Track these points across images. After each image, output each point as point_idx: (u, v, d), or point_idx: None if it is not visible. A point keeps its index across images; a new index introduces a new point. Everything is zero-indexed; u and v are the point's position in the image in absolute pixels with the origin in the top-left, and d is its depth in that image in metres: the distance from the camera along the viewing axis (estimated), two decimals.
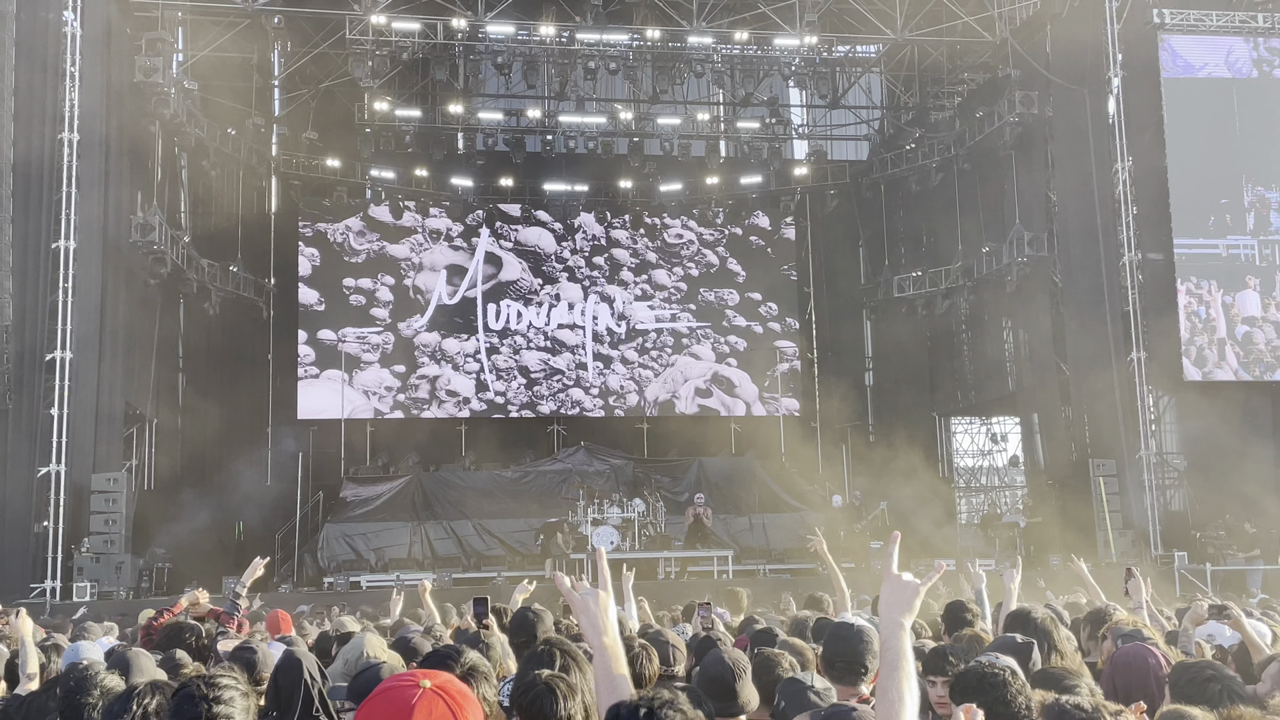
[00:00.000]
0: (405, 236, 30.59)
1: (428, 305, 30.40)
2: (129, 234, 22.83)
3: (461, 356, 30.40)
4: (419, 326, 30.26)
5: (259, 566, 6.91)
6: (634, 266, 31.62)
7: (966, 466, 32.46)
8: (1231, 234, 23.70)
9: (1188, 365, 23.46)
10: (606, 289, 31.33)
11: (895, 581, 2.95)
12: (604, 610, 3.03)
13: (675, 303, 31.57)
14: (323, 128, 29.14)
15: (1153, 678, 4.38)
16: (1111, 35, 23.72)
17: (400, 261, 30.45)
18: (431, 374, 30.14)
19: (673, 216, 31.93)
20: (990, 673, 3.69)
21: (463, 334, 30.47)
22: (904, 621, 2.90)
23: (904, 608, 2.92)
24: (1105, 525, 22.38)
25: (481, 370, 30.40)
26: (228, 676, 3.32)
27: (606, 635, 3.01)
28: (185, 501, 23.78)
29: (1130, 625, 5.18)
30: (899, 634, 2.88)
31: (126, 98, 22.91)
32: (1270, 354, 23.43)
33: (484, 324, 30.58)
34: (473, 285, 30.76)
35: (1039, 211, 26.53)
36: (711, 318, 31.59)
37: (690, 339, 31.47)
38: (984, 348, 30.19)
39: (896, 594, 2.94)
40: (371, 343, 29.86)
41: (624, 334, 31.19)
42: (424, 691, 2.61)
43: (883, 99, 32.96)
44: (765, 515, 26.31)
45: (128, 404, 23.31)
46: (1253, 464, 22.65)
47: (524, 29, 26.66)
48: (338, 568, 23.54)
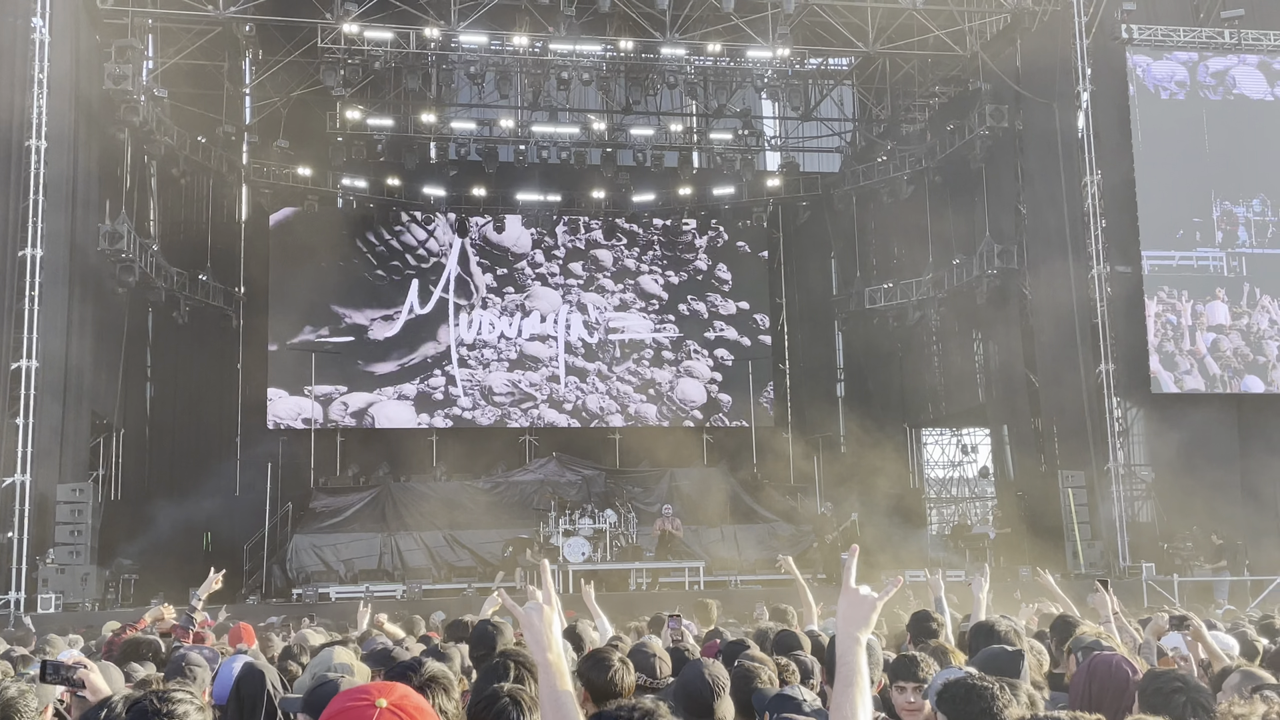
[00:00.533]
0: (377, 246, 30.46)
1: (398, 314, 30.28)
2: (97, 242, 22.65)
3: (433, 365, 30.27)
4: (389, 335, 30.12)
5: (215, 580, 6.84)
6: (606, 277, 31.60)
7: (937, 478, 32.59)
8: (1200, 247, 23.95)
9: (1161, 374, 23.63)
10: (579, 299, 31.30)
11: (853, 595, 2.92)
12: (548, 625, 2.99)
13: (647, 313, 31.56)
14: (294, 136, 29.00)
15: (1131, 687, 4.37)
16: (1080, 50, 23.93)
17: (372, 271, 30.31)
18: (400, 383, 29.99)
19: (645, 227, 31.94)
20: (979, 685, 3.67)
21: (433, 343, 30.36)
22: (860, 636, 2.88)
23: (861, 622, 2.90)
24: (1074, 536, 22.51)
25: (453, 380, 30.28)
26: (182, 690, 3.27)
27: (550, 651, 2.97)
28: (153, 512, 23.57)
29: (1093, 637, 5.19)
30: (855, 649, 2.85)
31: (95, 105, 22.75)
32: (1237, 360, 23.67)
33: (455, 333, 30.48)
34: (444, 294, 30.66)
35: (1009, 224, 26.71)
36: (683, 328, 31.59)
37: (663, 349, 31.44)
38: (954, 359, 30.34)
39: (854, 608, 2.92)
40: (341, 352, 29.69)
41: (596, 344, 31.16)
42: (380, 712, 2.56)
43: (855, 111, 33.13)
44: (737, 526, 26.33)
45: (94, 413, 23.10)
46: (1219, 476, 22.85)
47: (497, 39, 26.64)
48: (306, 579, 23.39)
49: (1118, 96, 24.43)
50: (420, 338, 30.30)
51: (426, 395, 30.05)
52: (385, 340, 30.07)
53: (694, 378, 31.46)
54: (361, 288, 30.16)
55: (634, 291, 31.67)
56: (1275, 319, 23.84)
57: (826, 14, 25.96)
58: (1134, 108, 24.31)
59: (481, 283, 30.94)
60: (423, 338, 30.32)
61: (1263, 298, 23.91)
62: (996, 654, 4.68)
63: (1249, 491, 23.00)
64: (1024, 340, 26.43)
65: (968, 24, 26.39)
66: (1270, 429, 23.86)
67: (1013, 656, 4.53)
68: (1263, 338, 23.80)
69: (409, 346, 30.18)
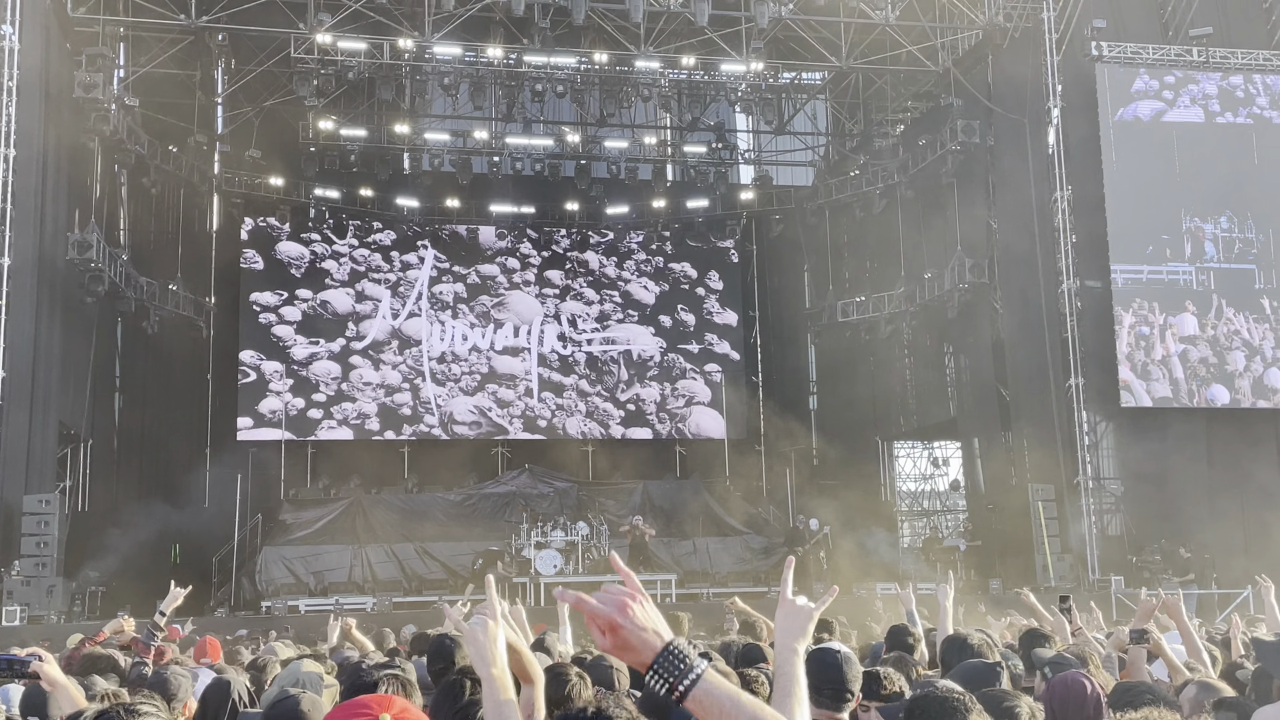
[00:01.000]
0: (350, 256, 30.36)
1: (371, 326, 30.16)
2: (66, 252, 22.45)
3: (405, 378, 30.16)
4: (361, 347, 29.99)
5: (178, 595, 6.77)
6: (578, 290, 31.58)
7: (909, 490, 32.69)
8: (1171, 262, 24.27)
9: (1134, 384, 23.83)
10: (552, 311, 31.26)
11: (789, 607, 2.93)
12: (492, 640, 2.98)
13: (621, 325, 31.55)
14: (266, 146, 28.91)
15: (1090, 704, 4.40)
16: (1051, 67, 24.15)
17: (345, 282, 30.19)
18: (374, 395, 29.87)
19: (620, 239, 31.97)
20: (950, 698, 3.67)
21: (406, 355, 30.25)
22: (797, 647, 2.89)
23: (798, 633, 2.91)
24: (1044, 550, 22.62)
25: (422, 398, 30.17)
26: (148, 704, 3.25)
27: (495, 666, 2.97)
28: (121, 524, 23.34)
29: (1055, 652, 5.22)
30: (793, 659, 2.86)
31: (65, 113, 22.58)
32: (1205, 369, 23.99)
33: (427, 345, 30.38)
34: (416, 305, 30.57)
35: (980, 238, 26.86)
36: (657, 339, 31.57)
37: (638, 362, 31.43)
38: (926, 372, 30.48)
39: (791, 619, 2.92)
40: (313, 364, 29.55)
41: (570, 357, 31.12)
42: None
43: (828, 125, 33.31)
44: (709, 539, 26.35)
45: (62, 424, 22.88)
46: (1187, 490, 23.05)
47: (471, 50, 26.64)
48: (276, 591, 23.22)
49: (1088, 113, 24.66)
50: (392, 349, 30.18)
51: (394, 410, 29.89)
52: (358, 352, 29.92)
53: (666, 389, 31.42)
54: (334, 299, 30.00)
55: (609, 304, 31.65)
56: (1239, 330, 24.13)
57: (800, 28, 26.10)
58: (1104, 124, 24.55)
59: (454, 294, 30.85)
60: (394, 349, 30.19)
61: (1228, 310, 24.25)
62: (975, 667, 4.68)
63: (1216, 505, 23.18)
64: (994, 354, 26.58)
65: (940, 40, 26.59)
66: (1237, 444, 24.06)
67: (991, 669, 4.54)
68: (1228, 349, 24.11)
69: (380, 357, 30.03)
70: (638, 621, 2.32)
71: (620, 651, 2.33)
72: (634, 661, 2.33)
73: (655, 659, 2.28)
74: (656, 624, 2.34)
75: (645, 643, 2.31)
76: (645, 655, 2.30)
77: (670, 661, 2.27)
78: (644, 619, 2.33)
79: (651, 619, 2.34)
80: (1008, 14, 25.00)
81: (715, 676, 2.27)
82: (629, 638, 2.32)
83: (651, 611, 2.36)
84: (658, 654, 2.29)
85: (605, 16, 25.18)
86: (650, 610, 2.36)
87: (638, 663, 2.32)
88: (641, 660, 2.31)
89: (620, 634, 2.33)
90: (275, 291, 29.64)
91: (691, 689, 2.26)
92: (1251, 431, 24.20)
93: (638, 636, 2.32)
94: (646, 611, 2.34)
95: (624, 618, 2.33)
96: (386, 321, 30.28)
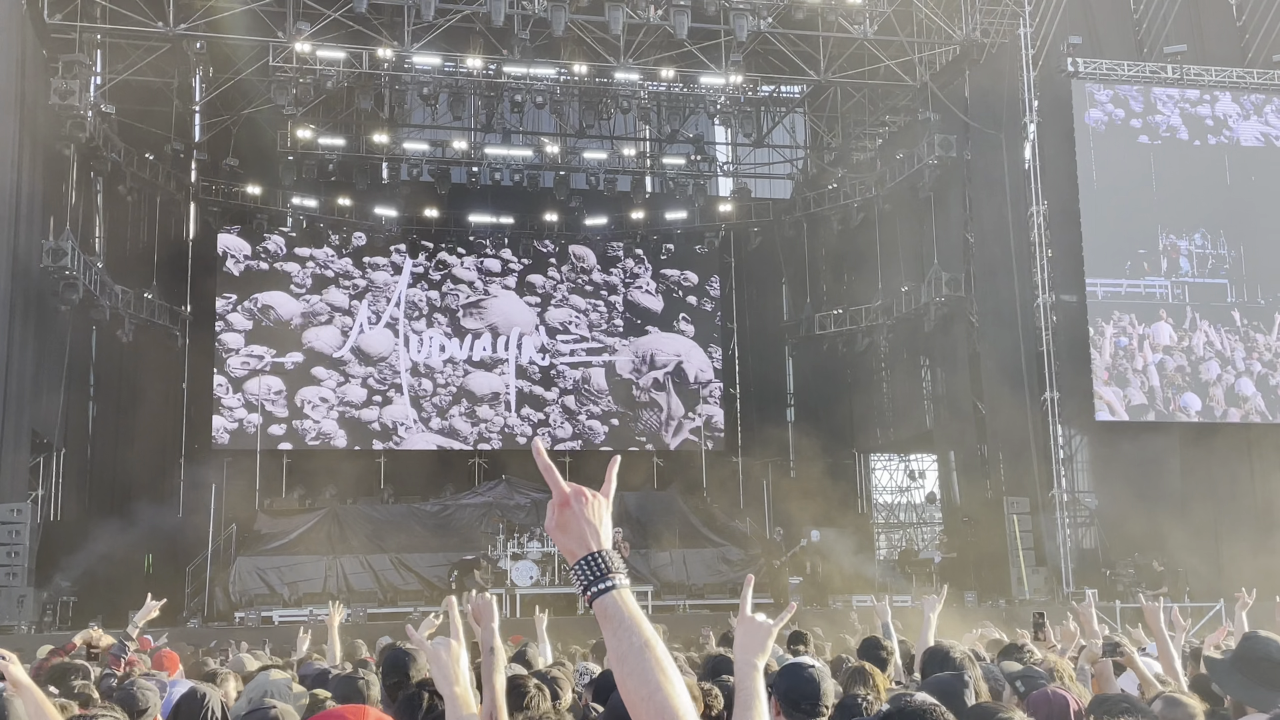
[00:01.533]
0: (326, 266, 30.26)
1: (347, 335, 30.06)
2: (40, 259, 22.29)
3: (382, 387, 30.06)
4: (338, 356, 29.89)
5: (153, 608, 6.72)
6: (558, 302, 31.57)
7: (885, 503, 32.78)
8: (1148, 276, 24.65)
9: (1109, 394, 24.02)
10: (531, 324, 31.21)
11: (749, 623, 2.98)
12: (454, 660, 3.09)
13: (598, 336, 31.55)
14: (244, 155, 28.81)
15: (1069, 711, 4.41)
16: (1027, 82, 24.33)
17: (321, 291, 30.08)
18: (350, 405, 29.76)
19: (598, 250, 31.97)
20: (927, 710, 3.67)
21: (382, 364, 30.16)
22: (757, 662, 2.93)
23: (757, 648, 2.95)
24: (1019, 563, 22.71)
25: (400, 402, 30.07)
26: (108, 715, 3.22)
27: (457, 685, 3.08)
28: (93, 533, 23.13)
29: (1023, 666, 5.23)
30: (753, 674, 2.91)
31: (41, 120, 22.45)
32: (1180, 378, 24.38)
33: (405, 354, 30.30)
34: (394, 315, 30.49)
35: (957, 252, 27.00)
36: (635, 349, 31.57)
37: (613, 371, 31.43)
38: (902, 385, 30.58)
39: (750, 635, 2.97)
40: (289, 372, 29.42)
41: (549, 367, 31.09)
42: None
43: (806, 139, 33.44)
44: (686, 550, 26.31)
45: (35, 432, 22.70)
46: (1161, 504, 23.18)
47: (450, 61, 26.63)
48: (249, 602, 23.06)
49: (1064, 128, 24.85)
50: (369, 358, 30.08)
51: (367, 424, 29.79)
52: (334, 360, 29.81)
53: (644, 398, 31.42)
54: (311, 308, 29.88)
55: (587, 315, 31.64)
56: (1212, 341, 24.55)
57: (779, 42, 26.21)
58: (1079, 140, 24.78)
59: (430, 304, 30.79)
60: (371, 359, 30.10)
61: (1202, 323, 24.64)
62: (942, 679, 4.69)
63: (1190, 519, 23.34)
64: (970, 367, 26.69)
65: (917, 55, 26.76)
66: (1210, 458, 24.27)
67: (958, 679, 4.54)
68: (1202, 359, 24.53)
69: (358, 367, 29.93)
70: (586, 514, 2.41)
71: (559, 532, 2.43)
72: (565, 549, 2.43)
73: (584, 556, 2.39)
74: (601, 527, 2.44)
75: (583, 536, 2.41)
76: (577, 548, 2.40)
77: (595, 564, 2.37)
78: (593, 515, 2.43)
79: (601, 520, 2.44)
80: (985, 30, 25.18)
81: (627, 595, 2.37)
82: (571, 522, 2.42)
83: (605, 516, 2.46)
84: (588, 553, 2.39)
85: (585, 28, 25.23)
86: (604, 515, 2.46)
87: (568, 551, 2.42)
88: (572, 551, 2.41)
89: (566, 514, 2.42)
90: (249, 300, 29.48)
91: (600, 595, 2.36)
92: (1224, 446, 24.41)
93: (579, 527, 2.41)
94: (600, 513, 2.44)
95: (578, 502, 2.42)
96: (362, 332, 30.17)
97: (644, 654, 2.29)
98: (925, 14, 25.51)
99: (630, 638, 2.31)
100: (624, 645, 2.31)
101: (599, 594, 2.35)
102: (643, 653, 2.29)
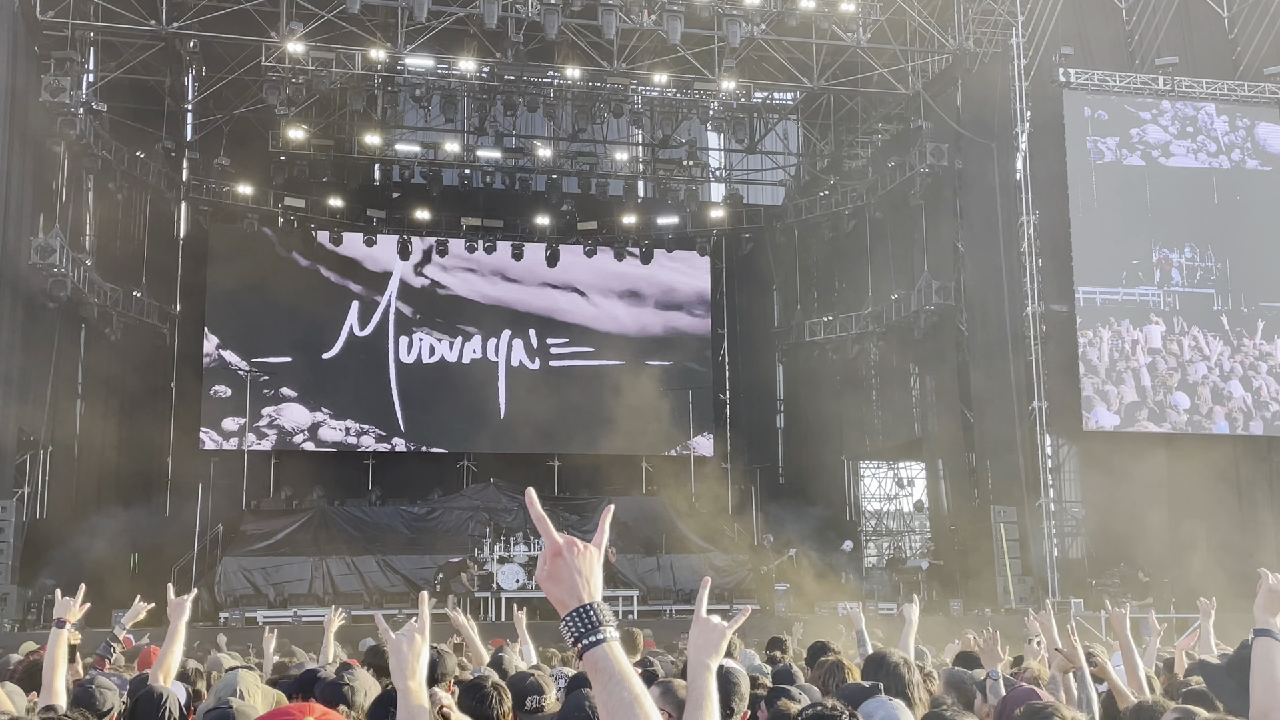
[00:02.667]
0: (317, 266, 30.21)
1: (338, 336, 30.01)
2: (28, 256, 22.25)
3: (373, 389, 30.00)
4: (329, 357, 29.84)
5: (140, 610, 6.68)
6: (550, 303, 31.53)
7: (873, 510, 32.79)
8: (1142, 285, 25.19)
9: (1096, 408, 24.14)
10: (523, 325, 31.18)
11: (704, 624, 3.01)
12: (415, 654, 3.16)
13: (588, 339, 31.51)
14: (235, 154, 28.75)
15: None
16: (1019, 92, 24.39)
17: (312, 291, 30.01)
18: (338, 406, 29.71)
19: (589, 254, 31.93)
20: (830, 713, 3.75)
21: (374, 366, 30.12)
22: (710, 663, 2.96)
23: (711, 649, 2.98)
24: (1005, 571, 22.73)
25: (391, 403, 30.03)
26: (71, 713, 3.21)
27: (412, 679, 3.15)
28: (79, 531, 23.05)
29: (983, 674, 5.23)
30: (705, 675, 2.94)
31: (31, 117, 22.41)
32: (1171, 379, 24.88)
33: (395, 357, 30.26)
34: (385, 317, 30.45)
35: (947, 261, 27.04)
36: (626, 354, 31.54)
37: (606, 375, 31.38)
38: (892, 393, 30.60)
39: (704, 636, 2.99)
40: (278, 373, 29.36)
41: (539, 370, 31.05)
42: None
43: (799, 145, 33.49)
44: (673, 556, 26.28)
45: (21, 430, 22.63)
46: (1148, 514, 23.23)
47: (443, 63, 26.62)
48: (235, 602, 23.01)
49: (1055, 138, 24.94)
50: (359, 360, 30.04)
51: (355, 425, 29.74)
52: (323, 362, 29.77)
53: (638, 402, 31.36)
54: (301, 309, 29.78)
55: (578, 318, 31.62)
56: (1200, 346, 25.18)
57: (772, 49, 26.25)
58: (1070, 150, 24.90)
59: (422, 306, 30.75)
60: (361, 360, 30.06)
61: (1191, 328, 25.24)
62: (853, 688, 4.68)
63: (1176, 529, 23.40)
64: (959, 376, 26.72)
65: (910, 63, 26.82)
66: (1197, 468, 24.29)
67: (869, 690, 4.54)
68: (1190, 361, 25.12)
69: (347, 369, 29.89)
70: (578, 564, 2.45)
71: (550, 582, 2.47)
72: (555, 599, 2.46)
73: (575, 608, 2.43)
74: (592, 578, 2.47)
75: (574, 587, 2.45)
76: (568, 599, 2.44)
77: (586, 617, 2.42)
78: (585, 567, 2.46)
79: (592, 571, 2.48)
80: (977, 39, 25.24)
81: (617, 648, 2.42)
82: (563, 572, 2.45)
83: (597, 567, 2.49)
84: (580, 605, 2.44)
85: (578, 32, 25.23)
86: (596, 566, 2.49)
87: (558, 602, 2.46)
88: (562, 601, 2.45)
89: (558, 564, 2.45)
90: (240, 301, 29.40)
91: (591, 648, 2.40)
92: (1211, 457, 24.46)
93: (570, 577, 2.44)
94: (591, 564, 2.48)
95: (569, 553, 2.45)
96: (352, 333, 30.13)
97: (633, 709, 2.36)
98: (918, 23, 25.56)
99: (620, 692, 2.37)
100: (614, 700, 2.36)
101: (590, 646, 2.40)
102: (632, 708, 2.36)
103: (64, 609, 5.23)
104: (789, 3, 24.13)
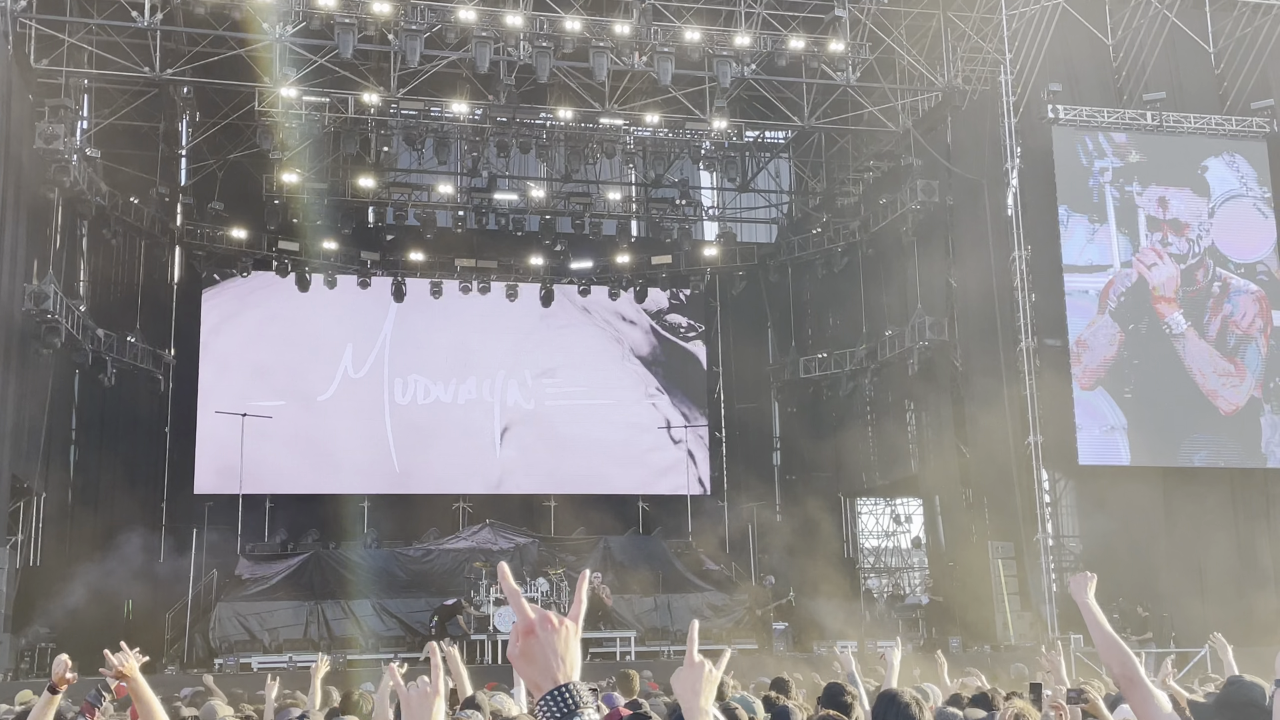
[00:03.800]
0: (311, 309, 30.22)
1: (333, 378, 29.99)
2: (22, 302, 22.24)
3: (368, 431, 29.95)
4: (323, 400, 29.81)
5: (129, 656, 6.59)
6: (544, 343, 31.55)
7: (871, 547, 32.68)
8: None
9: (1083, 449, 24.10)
10: (518, 366, 31.18)
11: (695, 668, 2.98)
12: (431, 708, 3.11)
13: (583, 378, 31.51)
14: (229, 199, 28.85)
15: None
16: (1009, 129, 24.54)
17: (306, 334, 30.02)
18: (335, 449, 29.63)
19: (583, 293, 32.00)
20: None
21: (369, 408, 30.08)
22: (700, 704, 2.94)
23: (692, 691, 2.96)
24: (1004, 607, 22.64)
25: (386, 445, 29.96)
26: None
27: None
28: (73, 578, 22.90)
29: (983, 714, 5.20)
30: (699, 716, 2.93)
31: (25, 164, 22.47)
32: None
33: (390, 399, 30.23)
34: (379, 359, 30.45)
35: (940, 296, 27.11)
36: (621, 393, 31.54)
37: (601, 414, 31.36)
38: (887, 429, 30.56)
39: (685, 678, 2.97)
40: (273, 416, 29.28)
41: (534, 410, 31.02)
42: None
43: (791, 183, 33.67)
44: (670, 595, 26.13)
45: (15, 477, 22.53)
46: (1146, 548, 23.17)
47: (436, 106, 26.78)
48: (229, 648, 22.82)
49: (1045, 173, 25.05)
50: (353, 403, 30.00)
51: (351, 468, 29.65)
52: (318, 404, 29.73)
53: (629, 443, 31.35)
54: (295, 352, 29.80)
55: (573, 357, 31.63)
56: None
57: (763, 88, 26.45)
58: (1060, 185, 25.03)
59: (417, 347, 30.75)
60: (356, 403, 30.02)
61: None
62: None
63: (1174, 564, 23.32)
64: (954, 411, 26.72)
65: (900, 101, 27.02)
66: (1194, 502, 24.28)
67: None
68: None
69: (342, 411, 29.85)
70: (554, 644, 2.34)
71: (523, 661, 2.35)
72: (529, 680, 2.35)
73: (550, 691, 2.30)
74: (568, 656, 2.35)
75: (548, 667, 2.33)
76: (542, 680, 2.33)
77: (562, 699, 2.28)
78: (560, 645, 2.34)
79: (568, 649, 2.36)
80: (966, 77, 25.45)
81: None
82: (536, 651, 2.34)
83: (573, 645, 2.37)
84: (555, 687, 2.31)
85: (570, 74, 25.42)
86: (573, 643, 2.37)
87: (532, 683, 2.34)
88: (536, 683, 2.33)
89: (531, 643, 2.34)
90: (234, 344, 29.41)
91: None
92: (1208, 490, 24.44)
93: (544, 657, 2.33)
94: (567, 641, 2.36)
95: (544, 630, 2.34)
96: (347, 375, 30.11)
97: None
98: (907, 61, 25.77)
99: None
100: None
101: None
102: None
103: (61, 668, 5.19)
104: (779, 43, 24.34)
